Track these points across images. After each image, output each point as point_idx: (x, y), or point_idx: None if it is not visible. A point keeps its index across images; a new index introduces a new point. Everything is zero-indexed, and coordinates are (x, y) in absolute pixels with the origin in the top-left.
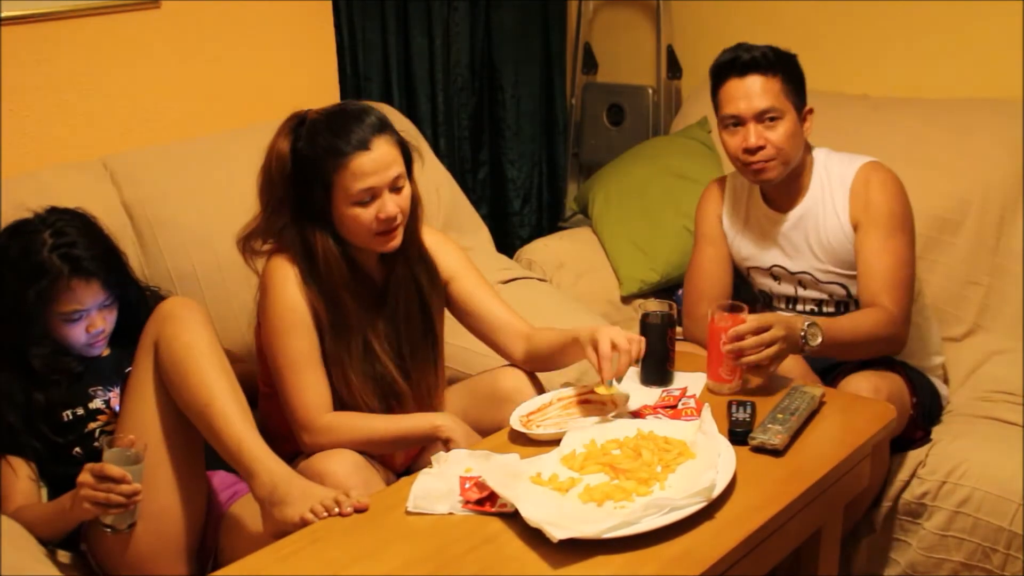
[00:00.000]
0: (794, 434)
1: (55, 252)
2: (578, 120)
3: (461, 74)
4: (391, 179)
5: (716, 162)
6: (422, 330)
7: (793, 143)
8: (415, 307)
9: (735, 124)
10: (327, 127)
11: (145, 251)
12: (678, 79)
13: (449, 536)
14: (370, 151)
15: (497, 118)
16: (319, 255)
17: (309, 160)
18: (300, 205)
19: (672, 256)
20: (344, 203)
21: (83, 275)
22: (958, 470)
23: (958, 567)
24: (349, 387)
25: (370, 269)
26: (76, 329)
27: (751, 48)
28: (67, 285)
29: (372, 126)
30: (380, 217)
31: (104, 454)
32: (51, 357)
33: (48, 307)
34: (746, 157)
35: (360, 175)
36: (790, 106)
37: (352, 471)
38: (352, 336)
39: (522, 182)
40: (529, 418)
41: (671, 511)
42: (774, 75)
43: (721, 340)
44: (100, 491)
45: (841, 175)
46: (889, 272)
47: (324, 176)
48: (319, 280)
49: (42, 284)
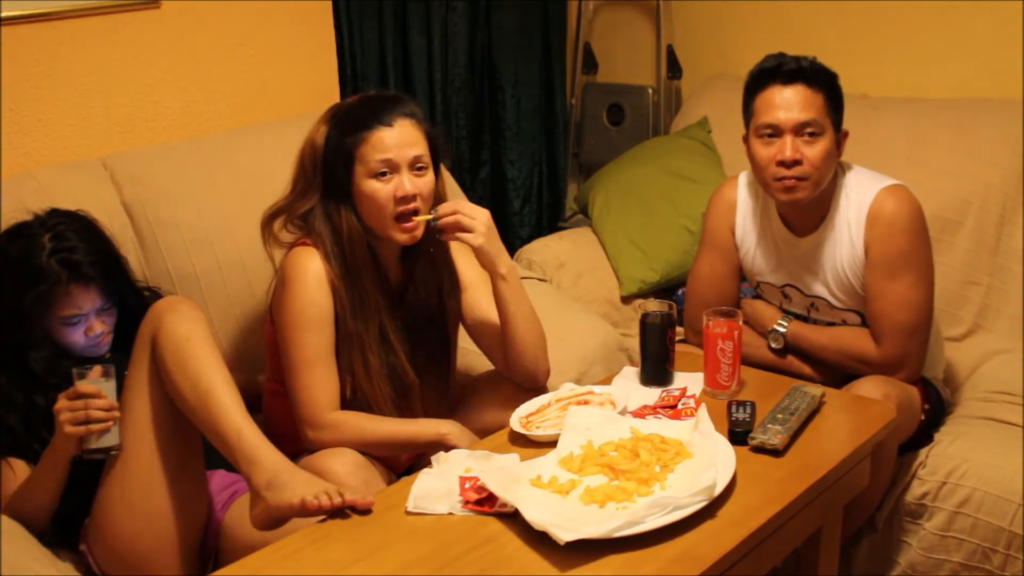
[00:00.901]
0: (794, 434)
1: (54, 257)
2: (578, 120)
3: (460, 74)
4: (411, 157)
5: (716, 162)
6: (436, 336)
7: (827, 165)
8: (433, 311)
9: (771, 135)
10: (359, 107)
11: (145, 251)
12: (678, 79)
13: (449, 536)
14: (392, 127)
15: (497, 118)
16: (344, 232)
17: (337, 139)
18: (328, 186)
19: (672, 256)
20: (363, 176)
21: (81, 280)
22: (958, 470)
23: (958, 567)
24: (367, 368)
25: (389, 266)
26: (75, 333)
27: (797, 57)
28: (65, 290)
29: (399, 109)
30: (397, 195)
31: (75, 380)
32: (50, 360)
33: (47, 311)
34: (778, 171)
35: (380, 148)
36: (830, 124)
37: (352, 470)
38: (370, 319)
39: (522, 182)
40: (528, 419)
41: (674, 510)
42: (819, 89)
43: (717, 345)
44: (78, 409)
45: (859, 202)
46: (886, 317)
47: (348, 151)
48: (342, 258)
49: (41, 289)
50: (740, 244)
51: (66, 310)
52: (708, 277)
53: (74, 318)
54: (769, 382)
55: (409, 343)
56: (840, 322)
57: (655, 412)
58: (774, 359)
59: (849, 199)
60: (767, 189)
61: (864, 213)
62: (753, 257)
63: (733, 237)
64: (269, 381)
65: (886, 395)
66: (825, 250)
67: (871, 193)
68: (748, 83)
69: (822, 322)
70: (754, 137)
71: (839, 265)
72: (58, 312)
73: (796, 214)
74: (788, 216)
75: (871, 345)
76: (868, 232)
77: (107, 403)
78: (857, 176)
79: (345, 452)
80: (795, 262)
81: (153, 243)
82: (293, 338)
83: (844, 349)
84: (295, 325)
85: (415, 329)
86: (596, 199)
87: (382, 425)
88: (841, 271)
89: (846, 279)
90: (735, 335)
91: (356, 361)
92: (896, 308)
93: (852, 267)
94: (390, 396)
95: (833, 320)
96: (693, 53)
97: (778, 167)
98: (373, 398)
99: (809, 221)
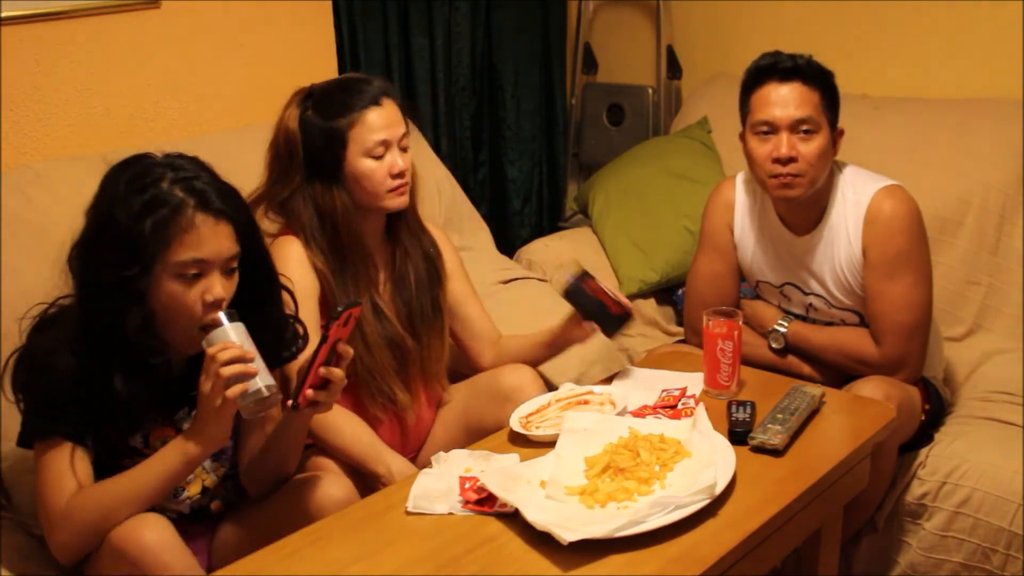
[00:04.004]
0: (794, 434)
1: (178, 185)
2: (578, 120)
3: (463, 74)
4: (400, 135)
5: (716, 162)
6: (428, 299)
7: (823, 162)
8: (423, 275)
9: (767, 132)
10: (338, 90)
11: None
12: (678, 79)
13: (448, 536)
14: (381, 106)
15: (497, 118)
16: (336, 210)
17: (322, 122)
18: (311, 169)
19: (672, 256)
20: (358, 157)
21: (211, 212)
22: (958, 470)
23: (958, 567)
24: (366, 340)
25: (375, 242)
26: (191, 292)
27: (793, 56)
28: (191, 221)
29: (379, 88)
30: (393, 172)
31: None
32: (145, 328)
33: (162, 253)
34: (774, 168)
35: (375, 128)
36: (825, 122)
37: None
38: (362, 294)
39: (522, 182)
40: (528, 419)
41: (675, 509)
42: (815, 87)
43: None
44: (227, 364)
45: (856, 202)
46: (886, 317)
47: (339, 134)
48: (328, 240)
49: (162, 213)
50: (738, 243)
51: (187, 252)
52: (707, 277)
53: (194, 265)
54: (769, 382)
55: (404, 310)
56: (839, 322)
57: (655, 412)
58: (774, 359)
59: (846, 198)
60: (763, 186)
61: (862, 213)
62: (752, 256)
63: (732, 236)
64: None
65: (887, 396)
66: (822, 249)
67: (868, 193)
68: (745, 80)
69: (821, 322)
70: (750, 134)
71: (837, 265)
72: (176, 256)
73: (793, 212)
74: (785, 215)
75: (871, 346)
76: (866, 232)
77: (242, 350)
78: (853, 175)
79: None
80: (793, 260)
81: None
82: None
83: (844, 350)
84: None
85: (408, 295)
86: (596, 199)
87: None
88: (839, 271)
89: (844, 279)
90: (735, 335)
91: (354, 335)
92: (896, 308)
93: (850, 267)
94: (391, 365)
95: (832, 320)
96: (693, 53)
97: (774, 164)
98: (375, 369)
99: (806, 219)
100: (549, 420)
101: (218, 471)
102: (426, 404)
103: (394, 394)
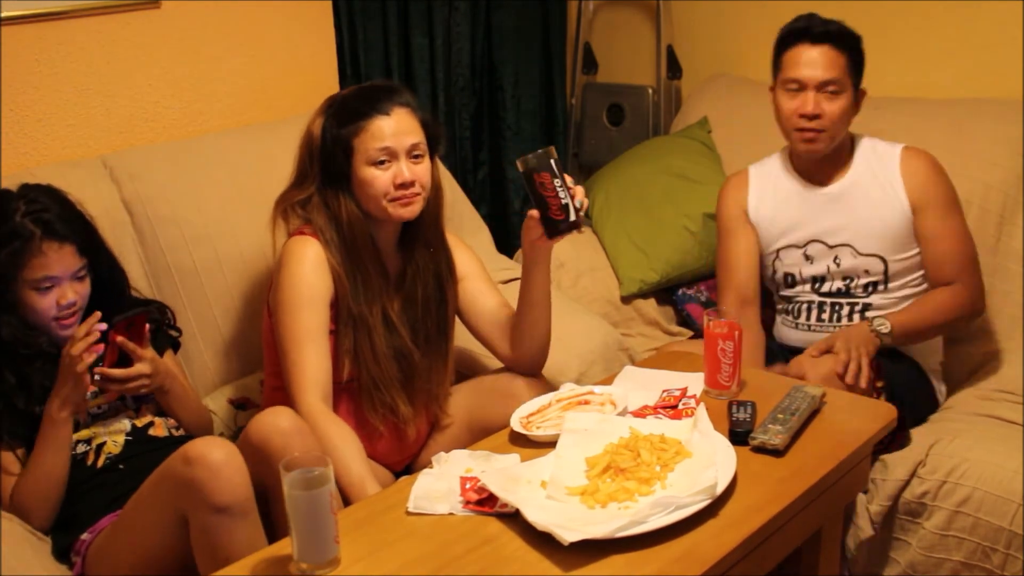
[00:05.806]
0: (794, 434)
1: (28, 216)
2: (578, 120)
3: (462, 74)
4: (408, 145)
5: (716, 162)
6: (435, 320)
7: (844, 120)
8: (432, 295)
9: (796, 89)
10: (355, 98)
11: (145, 247)
12: (678, 79)
13: (449, 536)
14: (389, 116)
15: (497, 118)
16: (343, 219)
17: (334, 130)
18: (325, 174)
19: (672, 256)
20: (362, 164)
21: (55, 239)
22: (958, 469)
23: (958, 567)
24: (374, 350)
25: (388, 252)
26: (46, 299)
27: (826, 21)
28: (39, 248)
29: (396, 99)
30: (396, 182)
31: None
32: (21, 328)
33: (19, 273)
34: (800, 122)
35: (378, 136)
36: (850, 84)
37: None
38: (374, 303)
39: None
40: (529, 419)
41: (676, 509)
42: (843, 50)
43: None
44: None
45: (885, 154)
46: (958, 252)
47: (346, 140)
48: (344, 244)
49: (14, 246)
50: (756, 221)
51: (38, 271)
52: (728, 260)
53: (46, 280)
54: (769, 382)
55: (410, 327)
56: (864, 272)
57: (655, 412)
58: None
59: (875, 150)
60: (788, 138)
61: (896, 167)
62: (771, 224)
63: (747, 219)
64: (268, 377)
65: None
66: (854, 194)
67: (896, 149)
68: (779, 39)
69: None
70: (780, 89)
71: (875, 212)
72: (30, 274)
73: (815, 166)
74: (810, 168)
75: (951, 291)
76: (911, 182)
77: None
78: (871, 140)
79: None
80: (819, 212)
81: (153, 239)
82: (287, 317)
83: (940, 308)
84: (289, 304)
85: (414, 313)
86: (596, 199)
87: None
88: (877, 217)
89: (881, 223)
90: (735, 335)
91: (363, 344)
92: (960, 240)
93: (894, 215)
94: (397, 377)
95: (855, 272)
96: (693, 53)
97: (800, 119)
98: (380, 379)
99: (830, 170)
100: (550, 420)
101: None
102: (425, 421)
103: (396, 406)
